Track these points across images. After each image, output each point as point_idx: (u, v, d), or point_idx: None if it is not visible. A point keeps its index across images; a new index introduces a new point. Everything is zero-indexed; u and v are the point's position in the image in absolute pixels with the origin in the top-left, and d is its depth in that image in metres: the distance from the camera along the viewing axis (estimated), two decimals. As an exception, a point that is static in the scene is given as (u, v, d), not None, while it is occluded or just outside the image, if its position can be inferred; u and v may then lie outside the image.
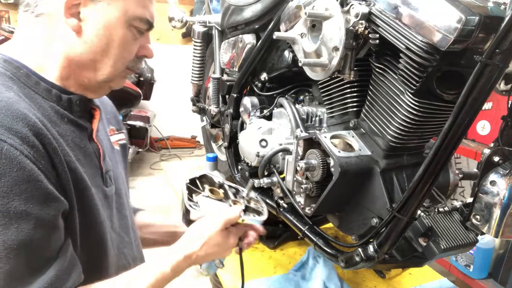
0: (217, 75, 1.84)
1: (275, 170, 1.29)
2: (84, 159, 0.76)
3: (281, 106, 1.37)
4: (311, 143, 1.08)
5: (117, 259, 0.84)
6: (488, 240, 1.95)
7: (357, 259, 0.98)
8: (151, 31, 0.82)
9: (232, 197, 1.00)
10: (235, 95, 1.59)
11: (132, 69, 0.81)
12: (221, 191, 1.00)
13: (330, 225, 1.47)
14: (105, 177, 0.82)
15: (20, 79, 0.70)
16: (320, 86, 1.19)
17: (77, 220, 0.72)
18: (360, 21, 0.93)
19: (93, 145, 0.81)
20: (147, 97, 4.30)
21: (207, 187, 1.01)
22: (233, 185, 1.04)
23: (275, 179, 1.27)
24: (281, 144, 1.30)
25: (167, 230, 1.09)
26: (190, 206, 0.90)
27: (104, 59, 0.75)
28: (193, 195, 0.97)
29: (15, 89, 0.68)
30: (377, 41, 0.92)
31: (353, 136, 1.06)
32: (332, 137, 1.04)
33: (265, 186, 1.30)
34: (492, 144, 0.92)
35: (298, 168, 1.05)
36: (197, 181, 1.02)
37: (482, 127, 2.19)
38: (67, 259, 0.69)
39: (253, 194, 1.03)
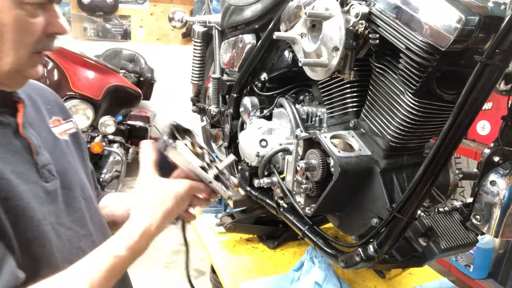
0: (217, 75, 1.83)
1: (275, 170, 1.29)
2: (11, 156, 0.71)
3: (281, 106, 1.37)
4: (311, 143, 1.08)
5: (70, 254, 0.78)
6: (488, 240, 1.95)
7: (357, 259, 0.98)
8: (59, 3, 0.72)
9: (207, 160, 0.93)
10: (235, 95, 1.59)
11: (43, 51, 0.73)
12: (199, 150, 0.94)
13: (330, 225, 1.47)
14: (41, 172, 0.76)
15: None
16: (320, 86, 1.19)
17: (6, 221, 0.67)
18: (360, 21, 0.93)
19: (21, 140, 0.74)
20: (147, 97, 4.31)
21: (188, 139, 0.94)
22: (212, 154, 0.98)
23: (275, 179, 1.27)
24: (281, 144, 1.30)
25: (126, 209, 1.00)
26: (172, 144, 0.83)
27: (2, 47, 0.67)
28: (173, 140, 0.91)
29: None
30: (377, 41, 0.92)
31: (353, 136, 1.06)
32: (332, 137, 1.04)
33: (265, 186, 1.30)
34: (492, 144, 0.92)
35: (298, 168, 1.05)
36: (181, 131, 0.95)
37: (482, 127, 2.20)
38: None
39: (225, 171, 0.95)
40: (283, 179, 1.23)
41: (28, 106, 0.80)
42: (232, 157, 0.97)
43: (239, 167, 1.52)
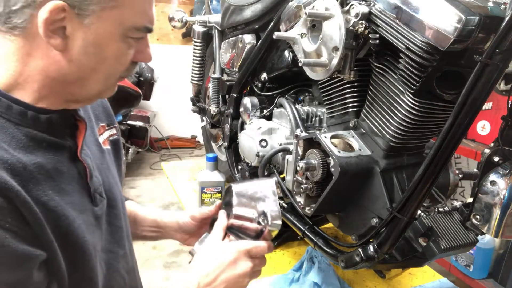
0: (217, 75, 1.84)
1: (275, 170, 1.30)
2: (68, 185, 0.68)
3: (281, 106, 1.37)
4: (311, 143, 1.08)
5: (109, 279, 0.77)
6: (488, 240, 1.94)
7: (357, 259, 0.98)
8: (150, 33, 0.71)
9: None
10: (235, 95, 1.59)
11: (125, 77, 0.72)
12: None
13: (330, 225, 1.47)
14: (94, 197, 0.74)
15: None
16: (320, 86, 1.19)
17: (62, 261, 0.65)
18: (360, 21, 0.93)
19: (78, 165, 0.71)
20: (147, 97, 4.30)
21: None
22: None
23: (275, 179, 1.27)
24: (281, 144, 1.30)
25: (149, 225, 1.02)
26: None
27: (94, 76, 0.65)
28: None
29: None
30: (377, 41, 0.92)
31: (353, 136, 1.06)
32: (332, 137, 1.04)
33: (265, 186, 1.30)
34: (492, 144, 0.92)
35: (298, 168, 1.05)
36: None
37: (482, 127, 2.19)
38: None
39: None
40: (283, 179, 1.23)
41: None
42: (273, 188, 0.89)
43: (239, 167, 1.52)
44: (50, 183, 0.63)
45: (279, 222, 0.83)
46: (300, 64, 1.02)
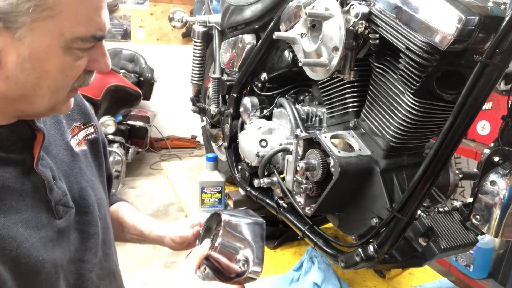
0: (217, 75, 1.84)
1: (275, 170, 1.29)
2: (19, 202, 0.63)
3: (281, 106, 1.37)
4: (311, 143, 1.08)
5: None
6: (488, 240, 1.95)
7: (357, 259, 0.98)
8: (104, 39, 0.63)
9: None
10: (235, 95, 1.59)
11: (80, 87, 0.66)
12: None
13: (330, 225, 1.47)
14: (55, 209, 0.68)
15: None
16: (320, 86, 1.19)
17: (12, 284, 0.60)
18: (360, 21, 0.93)
19: (35, 177, 0.66)
20: (147, 97, 4.31)
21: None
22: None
23: (275, 179, 1.27)
24: (281, 144, 1.30)
25: (135, 234, 0.99)
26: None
27: (38, 92, 0.59)
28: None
29: None
30: (377, 41, 0.92)
31: (353, 136, 1.06)
32: (332, 137, 1.04)
33: (265, 186, 1.30)
34: (492, 144, 0.92)
35: (298, 168, 1.05)
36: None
37: (482, 127, 2.19)
38: None
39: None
40: (283, 179, 1.23)
41: (48, 125, 0.72)
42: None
43: (239, 167, 1.52)
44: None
45: (260, 270, 0.77)
46: (300, 64, 1.02)
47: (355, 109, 1.09)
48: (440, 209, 0.97)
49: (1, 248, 0.58)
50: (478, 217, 0.88)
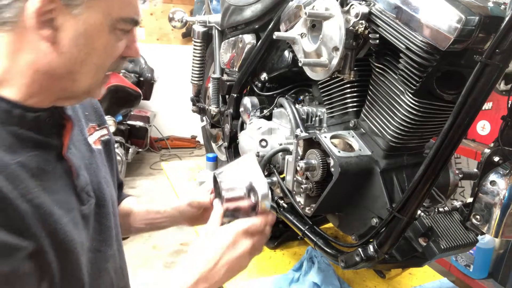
0: (217, 75, 1.84)
1: (275, 170, 1.29)
2: (53, 184, 0.67)
3: (281, 106, 1.37)
4: (311, 143, 1.08)
5: (95, 279, 0.76)
6: (488, 240, 1.95)
7: (357, 259, 0.98)
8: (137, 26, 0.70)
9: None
10: (235, 95, 1.59)
11: (113, 71, 0.72)
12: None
13: (330, 225, 1.47)
14: (80, 195, 0.73)
15: None
16: (320, 86, 1.19)
17: (51, 258, 0.64)
18: (360, 21, 0.93)
19: (63, 164, 0.70)
20: (147, 97, 4.31)
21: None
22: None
23: (275, 179, 1.27)
24: (281, 144, 1.30)
25: (150, 217, 1.03)
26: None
27: (84, 69, 0.65)
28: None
29: None
30: (377, 41, 0.92)
31: (353, 136, 1.06)
32: (332, 137, 1.04)
33: (265, 186, 1.30)
34: (492, 144, 0.92)
35: (298, 168, 1.05)
36: None
37: (482, 127, 2.19)
38: None
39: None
40: (283, 179, 1.23)
41: (72, 119, 0.76)
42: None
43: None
44: (35, 181, 0.63)
45: (267, 191, 0.81)
46: (300, 64, 1.02)
47: (355, 109, 1.09)
48: (440, 209, 0.97)
49: (43, 221, 0.62)
50: (478, 217, 0.88)
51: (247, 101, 1.49)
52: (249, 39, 1.53)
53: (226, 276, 0.75)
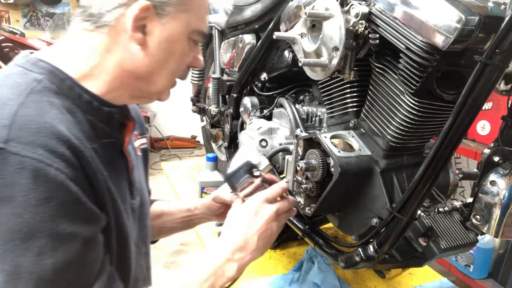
0: (217, 75, 1.84)
1: (275, 170, 1.29)
2: (115, 175, 0.75)
3: (281, 106, 1.37)
4: (311, 143, 1.08)
5: (135, 270, 0.83)
6: (488, 240, 1.95)
7: (357, 259, 0.98)
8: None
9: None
10: (235, 95, 1.59)
11: (181, 79, 0.81)
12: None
13: (330, 225, 1.47)
14: (132, 190, 0.82)
15: (63, 92, 0.68)
16: (320, 86, 1.19)
17: (113, 237, 0.72)
18: (360, 21, 0.93)
19: (123, 159, 0.80)
20: (147, 97, 4.30)
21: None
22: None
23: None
24: (281, 144, 1.30)
25: (182, 216, 1.08)
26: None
27: (162, 71, 0.74)
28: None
29: (58, 104, 0.66)
30: (377, 41, 0.92)
31: (353, 136, 1.06)
32: (332, 137, 1.04)
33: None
34: (492, 144, 0.92)
35: (298, 168, 1.05)
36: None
37: (482, 127, 2.20)
38: (108, 273, 0.69)
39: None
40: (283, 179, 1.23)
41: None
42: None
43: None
44: (104, 168, 0.70)
45: (262, 160, 0.87)
46: (300, 64, 1.02)
47: (355, 109, 1.09)
48: (440, 209, 0.97)
49: (112, 202, 0.71)
50: (478, 217, 0.88)
51: (247, 101, 1.49)
52: (249, 39, 1.53)
53: (261, 243, 0.80)
